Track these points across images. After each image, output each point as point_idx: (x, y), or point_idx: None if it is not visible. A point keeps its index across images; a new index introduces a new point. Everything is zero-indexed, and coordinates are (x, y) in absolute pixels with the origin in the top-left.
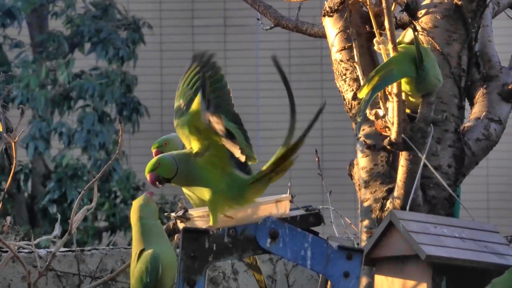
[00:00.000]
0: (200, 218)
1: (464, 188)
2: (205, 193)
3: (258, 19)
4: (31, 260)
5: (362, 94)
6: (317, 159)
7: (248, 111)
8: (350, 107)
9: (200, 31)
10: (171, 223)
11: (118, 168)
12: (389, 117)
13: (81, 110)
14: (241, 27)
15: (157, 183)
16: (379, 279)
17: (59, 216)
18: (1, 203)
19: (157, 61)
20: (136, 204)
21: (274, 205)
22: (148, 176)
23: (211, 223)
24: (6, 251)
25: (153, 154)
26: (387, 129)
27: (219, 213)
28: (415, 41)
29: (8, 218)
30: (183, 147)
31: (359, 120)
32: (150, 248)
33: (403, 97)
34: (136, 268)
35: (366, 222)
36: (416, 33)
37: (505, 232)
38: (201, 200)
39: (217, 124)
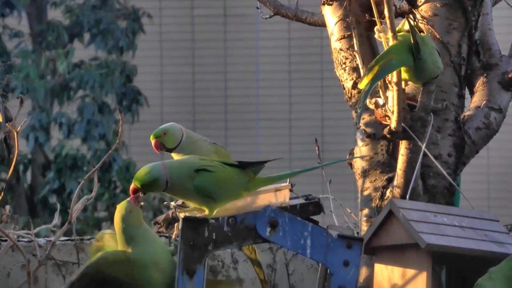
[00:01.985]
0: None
1: (465, 177)
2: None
3: (258, 8)
4: (30, 249)
5: (363, 84)
6: (317, 148)
7: (248, 101)
8: (350, 96)
9: (200, 21)
10: (170, 212)
11: (118, 158)
12: (389, 106)
13: (80, 100)
14: (241, 16)
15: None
16: (379, 267)
17: (58, 205)
18: (1, 193)
19: (157, 51)
20: (118, 212)
21: (273, 194)
22: (131, 188)
23: (206, 214)
24: (6, 240)
25: (152, 144)
26: (387, 118)
27: (216, 210)
28: (411, 33)
29: (8, 207)
30: (182, 136)
31: (359, 110)
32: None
33: (403, 85)
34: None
35: (366, 211)
36: (413, 22)
37: (506, 222)
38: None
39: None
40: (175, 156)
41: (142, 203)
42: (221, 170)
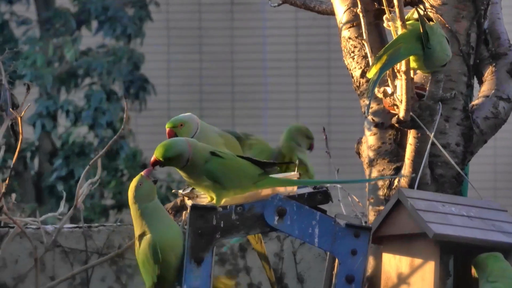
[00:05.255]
0: None
1: (472, 168)
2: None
3: None
4: (38, 236)
5: (371, 74)
6: (324, 137)
7: (256, 90)
8: (358, 84)
9: (207, 9)
10: (178, 200)
11: (125, 146)
12: (398, 95)
13: (88, 88)
14: (248, 5)
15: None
16: (386, 257)
17: (64, 193)
18: (7, 180)
19: (164, 39)
20: (131, 186)
21: None
22: (151, 160)
23: (214, 202)
24: (13, 227)
25: (166, 132)
26: (395, 107)
27: (224, 198)
28: (420, 23)
29: (14, 196)
30: (196, 131)
31: (367, 100)
32: (147, 232)
33: (412, 74)
34: (138, 255)
35: (373, 201)
36: (422, 12)
37: None
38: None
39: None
40: None
41: (156, 179)
42: (232, 159)
